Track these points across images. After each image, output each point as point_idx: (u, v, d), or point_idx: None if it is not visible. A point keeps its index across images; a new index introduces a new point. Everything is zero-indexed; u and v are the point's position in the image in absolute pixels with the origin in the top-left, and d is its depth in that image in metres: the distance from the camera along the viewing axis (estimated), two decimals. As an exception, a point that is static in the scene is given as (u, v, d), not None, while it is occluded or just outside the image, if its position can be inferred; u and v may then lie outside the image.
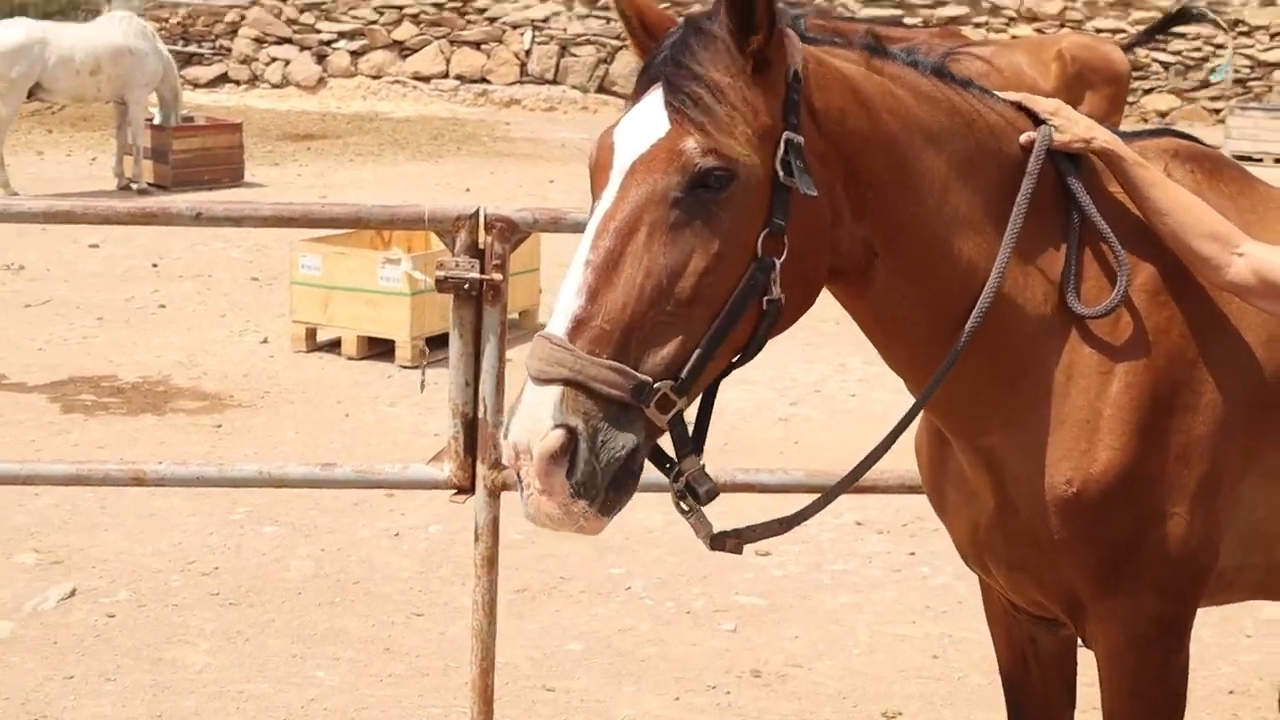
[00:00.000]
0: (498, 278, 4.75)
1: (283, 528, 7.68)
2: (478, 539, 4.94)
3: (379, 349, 11.22)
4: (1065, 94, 12.03)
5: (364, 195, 17.40)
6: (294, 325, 11.51)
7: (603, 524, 2.69)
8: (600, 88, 28.61)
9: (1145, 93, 27.96)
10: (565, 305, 2.67)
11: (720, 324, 2.73)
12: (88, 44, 17.83)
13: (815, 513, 3.13)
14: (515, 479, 2.67)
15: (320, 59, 29.50)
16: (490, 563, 4.94)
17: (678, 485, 2.82)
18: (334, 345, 11.36)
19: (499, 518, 4.93)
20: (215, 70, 29.73)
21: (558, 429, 2.61)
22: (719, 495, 2.81)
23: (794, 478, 5.00)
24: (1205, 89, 28.17)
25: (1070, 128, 3.25)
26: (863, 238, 2.97)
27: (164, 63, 18.64)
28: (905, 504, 7.70)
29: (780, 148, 2.79)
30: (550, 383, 2.63)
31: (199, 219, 4.83)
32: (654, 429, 2.71)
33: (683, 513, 2.87)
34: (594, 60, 28.72)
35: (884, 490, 4.97)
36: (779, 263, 2.77)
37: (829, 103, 2.91)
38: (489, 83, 28.67)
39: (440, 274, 4.71)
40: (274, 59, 29.77)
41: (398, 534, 7.65)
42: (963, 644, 6.38)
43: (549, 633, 6.49)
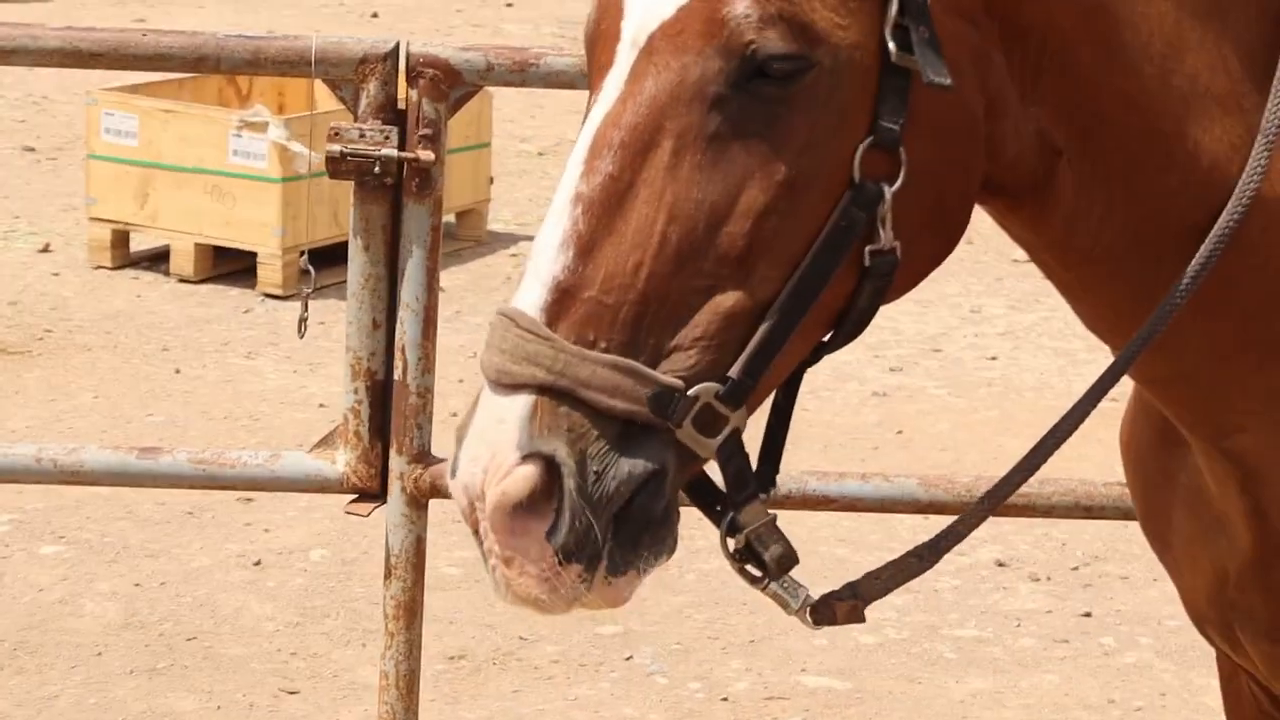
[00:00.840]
0: (428, 156, 4.44)
1: (73, 549, 6.87)
2: (390, 574, 4.64)
3: (231, 267, 10.10)
4: None
5: (206, 21, 16.11)
6: (93, 226, 10.32)
7: (621, 591, 2.34)
8: None
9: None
10: (542, 265, 2.33)
11: (794, 292, 2.37)
12: None
13: (960, 539, 2.64)
14: (474, 536, 2.35)
15: None
16: (410, 612, 4.61)
17: (734, 544, 2.44)
18: (158, 259, 10.30)
19: (424, 539, 4.67)
20: None
21: (527, 462, 2.27)
22: (794, 557, 2.44)
23: (899, 489, 4.59)
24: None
25: None
26: (1038, 132, 2.62)
27: None
28: (1075, 536, 7.07)
29: (892, 6, 2.40)
30: (517, 389, 2.29)
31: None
32: (688, 456, 2.35)
33: (751, 580, 2.49)
34: None
35: (1043, 513, 4.63)
36: (890, 191, 2.39)
37: None
38: None
39: (335, 149, 4.38)
40: None
41: (258, 562, 6.73)
42: None
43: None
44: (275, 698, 5.72)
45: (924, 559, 2.63)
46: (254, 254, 9.83)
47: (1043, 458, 2.71)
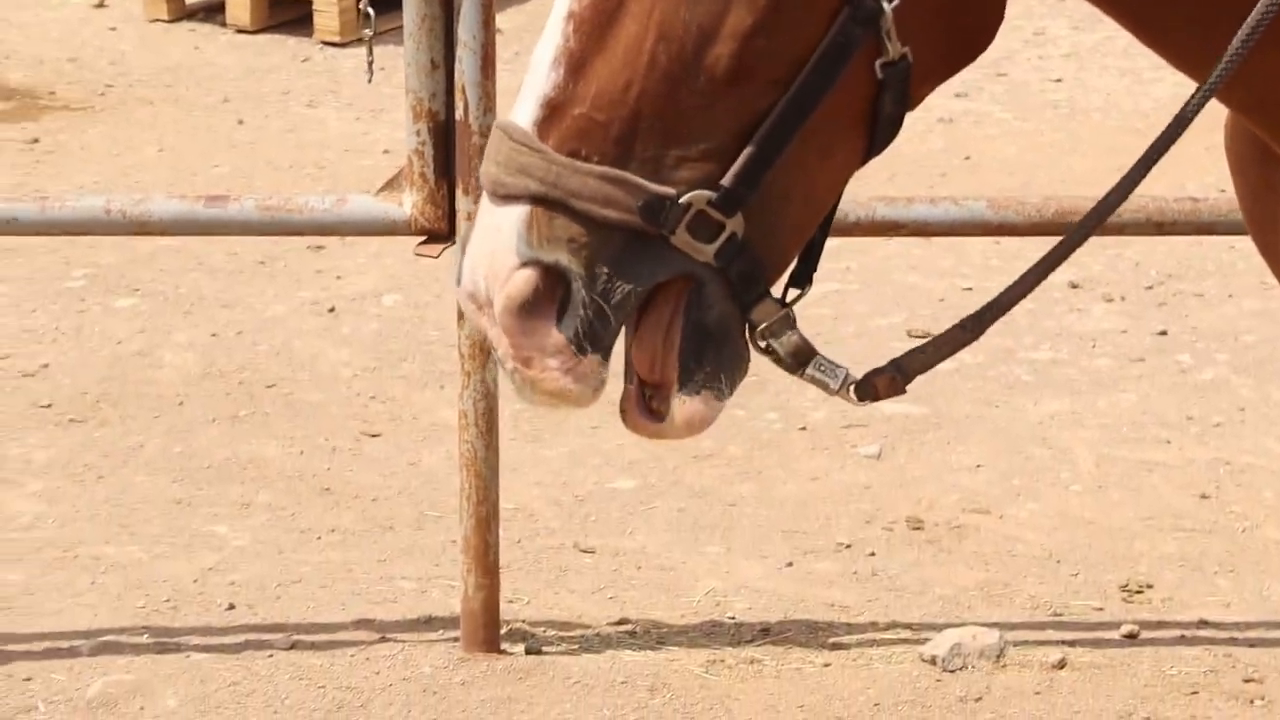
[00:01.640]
0: None
1: (148, 301, 6.86)
2: (463, 314, 4.46)
3: (287, 15, 10.05)
4: None
5: None
6: (148, -23, 10.37)
7: (698, 411, 2.33)
8: None
9: None
10: (535, 81, 2.32)
11: (788, 106, 2.32)
12: None
13: (1027, 290, 2.57)
14: (491, 343, 2.37)
15: None
16: (485, 351, 4.58)
17: (755, 343, 2.44)
18: (214, 10, 10.27)
19: (500, 277, 4.75)
20: None
21: (526, 267, 2.28)
22: (809, 349, 2.42)
23: (968, 211, 4.56)
24: None
25: None
26: None
27: None
28: (1149, 255, 7.05)
29: None
30: (512, 200, 2.29)
31: None
32: (707, 268, 2.34)
33: (785, 367, 2.45)
34: None
35: (1114, 231, 4.64)
36: (891, 5, 2.33)
37: None
38: None
39: None
40: None
41: (333, 309, 6.75)
42: (1248, 475, 5.73)
43: (583, 462, 5.80)
44: (357, 440, 5.78)
45: (968, 329, 2.61)
46: (309, 2, 9.76)
47: (1125, 193, 2.64)
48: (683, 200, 2.33)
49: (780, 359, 2.46)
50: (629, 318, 2.34)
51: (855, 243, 6.40)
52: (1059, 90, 9.22)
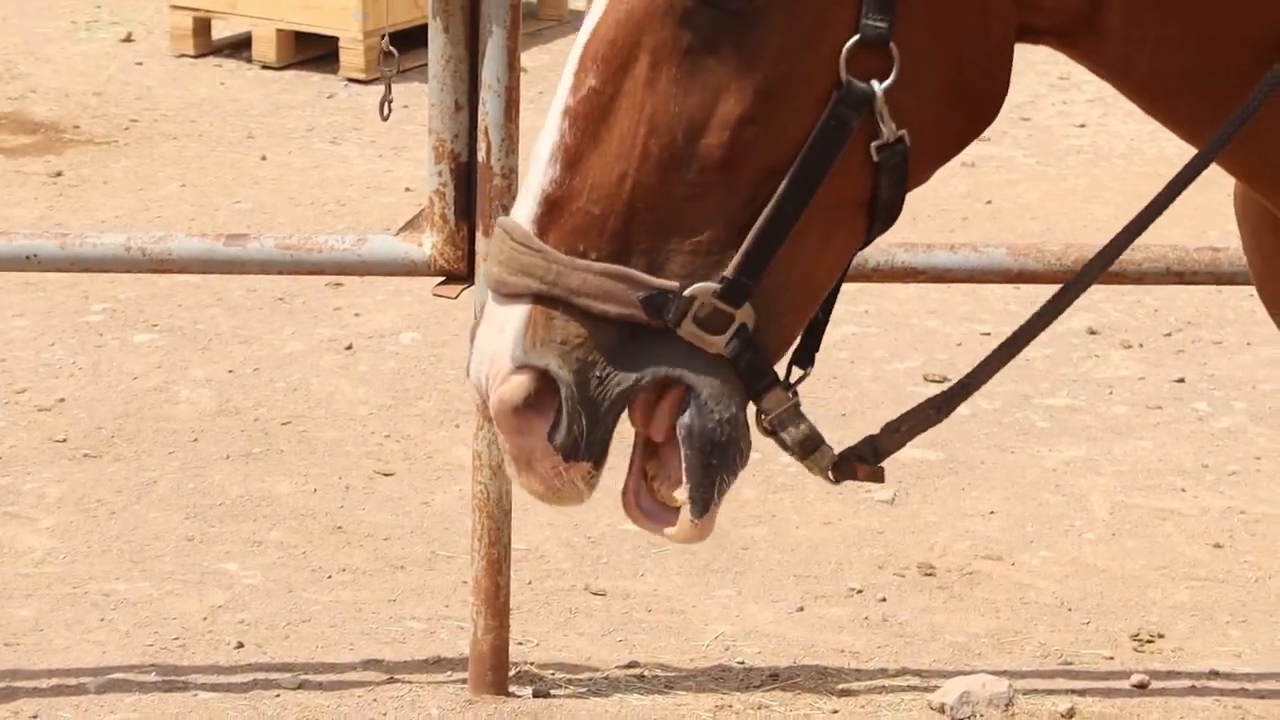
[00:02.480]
0: None
1: (166, 336, 6.88)
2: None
3: (313, 52, 10.04)
4: None
5: None
6: (174, 13, 10.24)
7: (709, 525, 2.38)
8: None
9: None
10: (534, 178, 2.36)
11: (785, 194, 2.34)
12: None
13: (996, 370, 2.59)
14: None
15: None
16: None
17: (761, 428, 2.45)
18: (240, 46, 10.26)
19: (517, 319, 4.77)
20: None
21: (520, 372, 2.32)
22: (816, 438, 2.43)
23: (988, 259, 4.58)
24: None
25: None
26: None
27: None
28: (1168, 302, 7.09)
29: None
30: (514, 299, 2.33)
31: None
32: (709, 360, 2.36)
33: (786, 449, 2.47)
34: None
35: (1134, 280, 4.64)
36: (882, 88, 2.34)
37: None
38: None
39: None
40: None
41: (349, 346, 6.76)
42: (1262, 525, 5.75)
43: (596, 504, 6.03)
44: (370, 479, 5.77)
45: (940, 409, 2.63)
46: (335, 39, 9.79)
47: (1128, 240, 2.65)
48: (686, 293, 2.34)
49: (788, 447, 2.46)
50: (619, 417, 2.34)
51: (873, 286, 6.39)
52: (1082, 136, 9.21)
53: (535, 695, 4.71)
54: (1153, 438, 6.20)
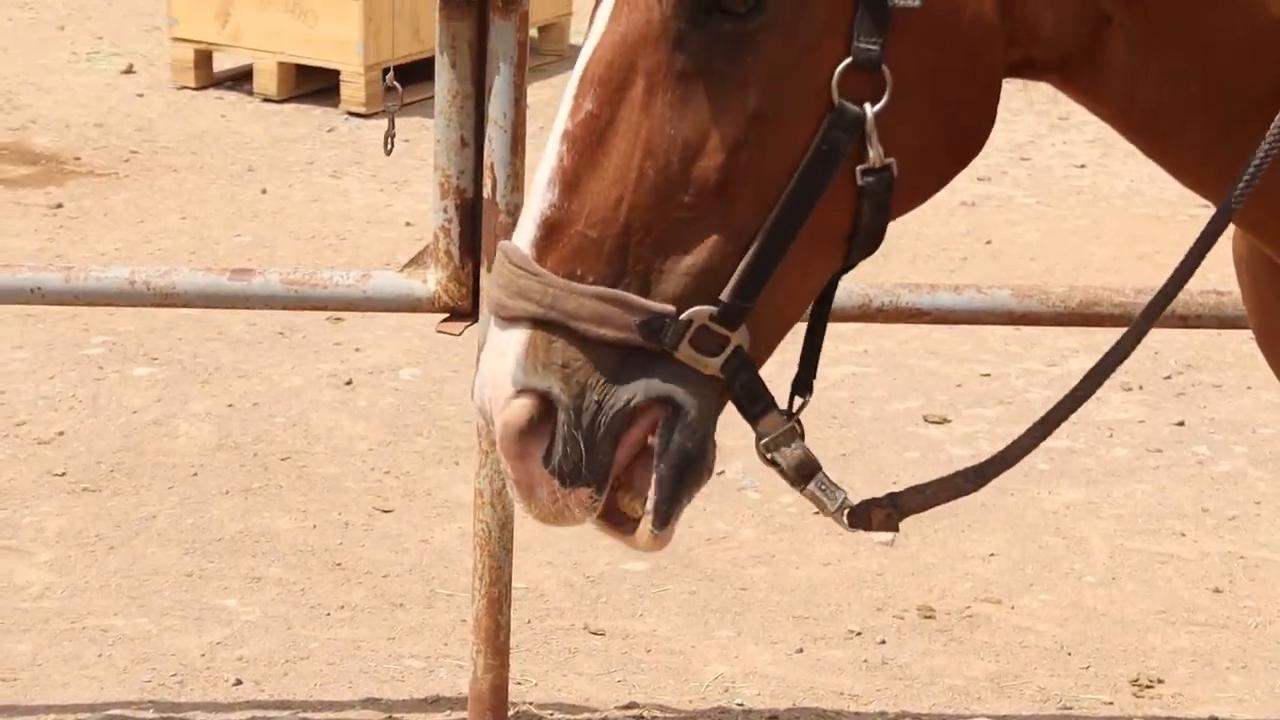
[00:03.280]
0: None
1: (166, 370, 6.87)
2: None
3: (313, 85, 10.05)
4: None
5: None
6: (176, 46, 10.25)
7: (670, 534, 2.39)
8: None
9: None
10: (533, 202, 2.38)
11: (779, 217, 2.36)
12: None
13: (1032, 447, 2.56)
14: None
15: None
16: None
17: (760, 454, 2.48)
18: (241, 78, 10.28)
19: (518, 357, 4.74)
20: None
21: (522, 396, 2.33)
22: (813, 464, 2.47)
23: (992, 300, 4.55)
24: None
25: None
26: (1081, 2, 2.51)
27: None
28: (1168, 344, 7.02)
29: None
30: (513, 322, 2.33)
31: None
32: (699, 385, 2.37)
33: (788, 480, 2.51)
34: None
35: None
36: (874, 111, 2.36)
37: None
38: None
39: None
40: None
41: (349, 381, 6.75)
42: (1262, 570, 5.73)
43: (595, 543, 5.64)
44: (370, 516, 5.74)
45: (970, 481, 2.64)
46: (337, 72, 9.77)
47: (1158, 311, 2.66)
48: (683, 316, 2.35)
49: (784, 472, 2.47)
50: (618, 440, 2.35)
51: (874, 326, 6.40)
52: (1082, 176, 9.21)
53: (534, 735, 4.70)
54: (1153, 481, 6.18)
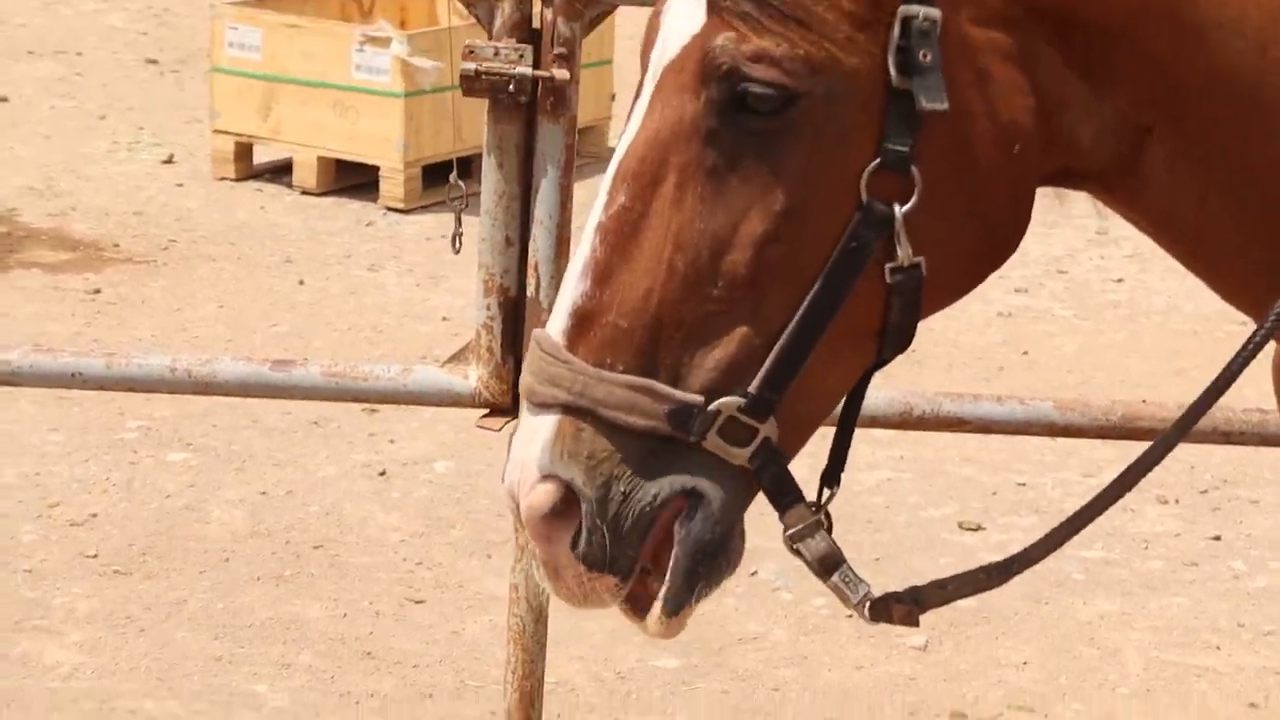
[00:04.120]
0: (564, 75, 4.32)
1: (200, 456, 6.89)
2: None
3: (352, 180, 10.12)
4: None
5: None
6: (217, 138, 10.34)
7: (682, 623, 2.42)
8: None
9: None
10: (566, 291, 2.42)
11: (808, 312, 2.39)
12: None
13: (1054, 548, 2.64)
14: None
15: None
16: None
17: (787, 545, 2.50)
18: (281, 171, 10.34)
19: (557, 454, 4.78)
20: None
21: (546, 481, 2.36)
22: (837, 557, 2.49)
23: (1034, 412, 4.48)
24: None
25: None
26: (1117, 113, 2.53)
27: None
28: (1204, 459, 6.98)
29: (894, 29, 2.38)
30: (544, 408, 2.38)
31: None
32: (729, 477, 2.39)
33: (815, 573, 2.52)
34: None
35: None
36: (902, 211, 2.37)
37: None
38: None
39: (470, 67, 4.26)
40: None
41: (383, 472, 6.74)
42: None
43: (626, 639, 5.71)
44: (401, 606, 5.73)
45: (993, 576, 2.65)
46: (375, 168, 9.82)
47: (1191, 423, 2.62)
48: (711, 407, 2.37)
49: (808, 563, 2.48)
50: (645, 533, 2.36)
51: (910, 432, 6.40)
52: (1120, 290, 9.22)
53: (562, 831, 4.67)
54: (1188, 594, 6.15)
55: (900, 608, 2.60)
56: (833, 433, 2.61)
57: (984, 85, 2.45)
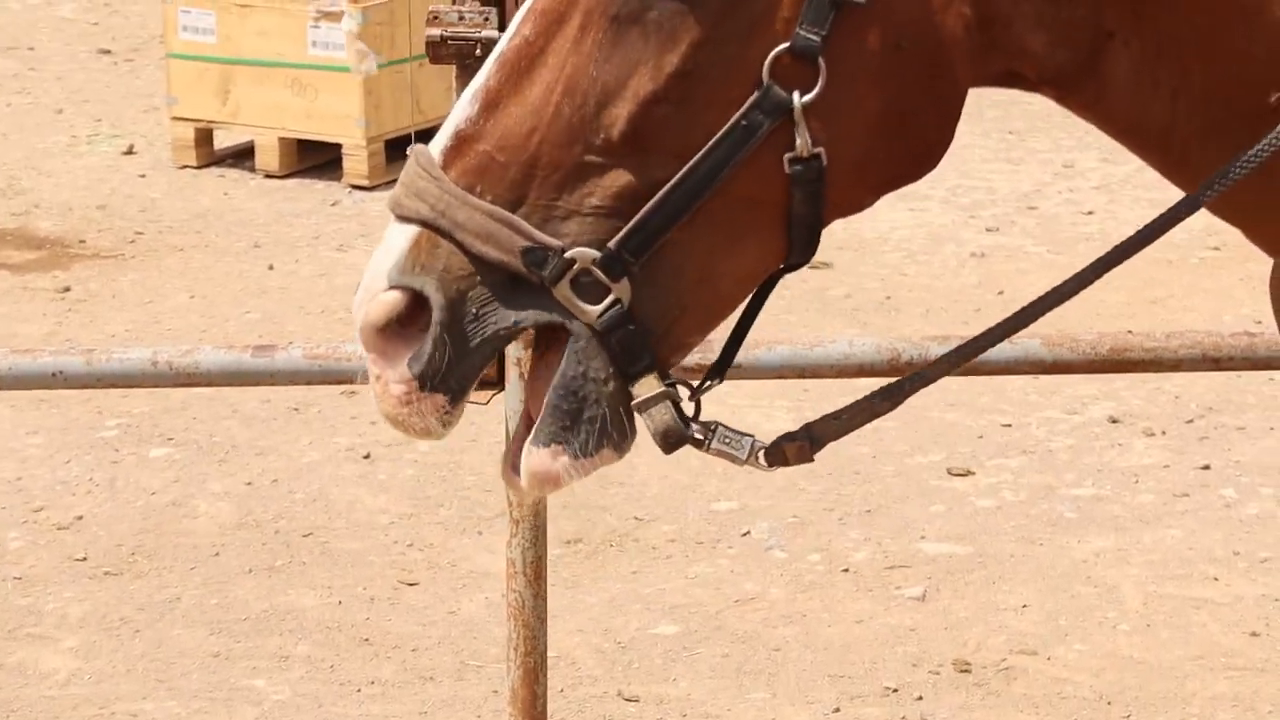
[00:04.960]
0: None
1: (181, 449, 6.85)
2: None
3: (315, 160, 10.02)
4: None
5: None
6: (176, 125, 10.25)
7: (544, 462, 2.35)
8: None
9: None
10: (454, 113, 2.41)
11: (683, 180, 2.35)
12: None
13: (927, 383, 2.53)
14: None
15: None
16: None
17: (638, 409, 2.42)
18: (243, 155, 10.23)
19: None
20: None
21: (393, 290, 2.33)
22: (678, 432, 2.42)
23: (1023, 350, 4.40)
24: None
25: None
26: (1079, 20, 2.44)
27: None
28: (1188, 388, 7.02)
29: None
30: (406, 221, 2.36)
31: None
32: (570, 319, 2.38)
33: (693, 443, 2.45)
34: None
35: (1170, 367, 4.48)
36: (801, 100, 2.33)
37: None
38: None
39: (435, 33, 4.19)
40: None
41: (368, 455, 6.72)
42: None
43: (624, 608, 5.73)
44: (395, 590, 5.73)
45: (884, 400, 2.57)
46: (338, 146, 9.75)
47: (1034, 314, 2.58)
48: (567, 254, 2.35)
49: (652, 434, 2.44)
50: (488, 361, 2.35)
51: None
52: (1091, 222, 9.21)
53: (573, 805, 4.67)
54: (1181, 526, 6.17)
55: (793, 446, 2.56)
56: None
57: None
